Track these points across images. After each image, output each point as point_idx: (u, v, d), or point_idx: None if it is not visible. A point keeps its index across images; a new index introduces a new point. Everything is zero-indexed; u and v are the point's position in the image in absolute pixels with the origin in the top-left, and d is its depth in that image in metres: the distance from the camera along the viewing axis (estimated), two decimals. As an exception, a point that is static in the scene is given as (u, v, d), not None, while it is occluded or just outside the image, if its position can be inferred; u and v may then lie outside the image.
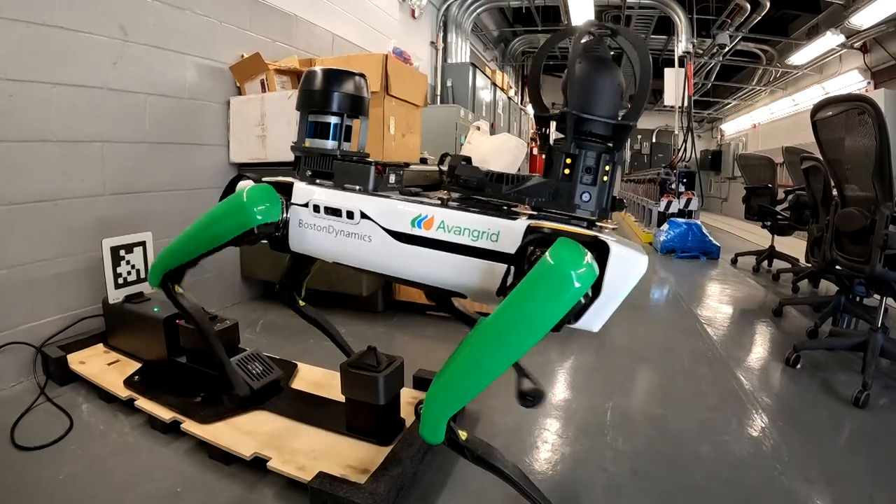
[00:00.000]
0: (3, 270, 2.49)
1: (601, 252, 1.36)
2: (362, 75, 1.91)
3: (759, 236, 8.22)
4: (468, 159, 1.67)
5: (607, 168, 1.49)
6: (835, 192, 3.02)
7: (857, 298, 3.49)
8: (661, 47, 12.08)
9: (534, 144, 12.22)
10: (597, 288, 1.35)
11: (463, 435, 1.52)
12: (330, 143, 1.86)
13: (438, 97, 7.74)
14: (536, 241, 1.41)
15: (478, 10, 8.68)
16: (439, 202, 1.63)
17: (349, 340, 3.09)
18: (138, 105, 3.07)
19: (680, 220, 7.18)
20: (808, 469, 2.00)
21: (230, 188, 1.94)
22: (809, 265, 4.10)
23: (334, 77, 1.83)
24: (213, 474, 1.88)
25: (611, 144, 1.51)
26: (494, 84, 7.55)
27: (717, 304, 4.49)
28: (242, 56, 3.73)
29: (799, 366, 2.99)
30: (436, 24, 7.94)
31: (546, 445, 2.15)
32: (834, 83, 9.98)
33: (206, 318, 2.10)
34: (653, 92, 17.43)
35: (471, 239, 1.51)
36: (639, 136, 19.01)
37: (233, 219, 1.78)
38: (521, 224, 1.46)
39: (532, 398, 1.63)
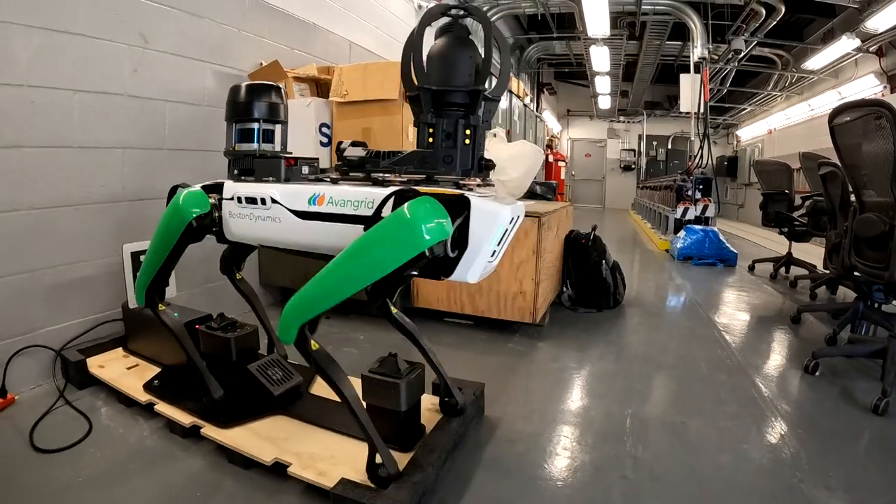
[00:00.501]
0: (25, 274, 2.52)
1: (464, 207, 1.54)
2: (278, 87, 2.18)
3: (775, 242, 8.15)
4: (360, 143, 1.95)
5: (467, 132, 1.69)
6: (853, 198, 2.99)
7: (876, 305, 3.44)
8: (676, 53, 12.05)
9: (549, 151, 12.22)
10: (464, 242, 1.54)
11: (314, 345, 1.68)
12: (253, 146, 2.10)
13: (454, 104, 7.64)
14: (399, 199, 1.58)
15: (494, 17, 8.70)
16: (330, 181, 1.90)
17: (366, 347, 3.14)
18: (157, 112, 3.11)
19: (697, 226, 7.13)
20: (828, 477, 1.98)
21: (171, 197, 2.16)
22: (827, 271, 4.05)
23: (255, 90, 2.10)
24: (233, 479, 1.89)
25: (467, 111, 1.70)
26: (510, 91, 7.54)
27: (735, 311, 4.45)
28: (261, 64, 3.76)
29: (818, 373, 2.95)
30: (451, 31, 7.89)
31: (566, 452, 2.14)
32: (850, 88, 9.87)
33: (185, 332, 2.26)
34: (668, 98, 17.42)
35: (353, 209, 1.70)
36: (654, 143, 18.93)
37: (173, 220, 2.04)
38: (392, 190, 1.63)
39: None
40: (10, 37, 2.37)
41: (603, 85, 14.61)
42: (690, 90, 9.35)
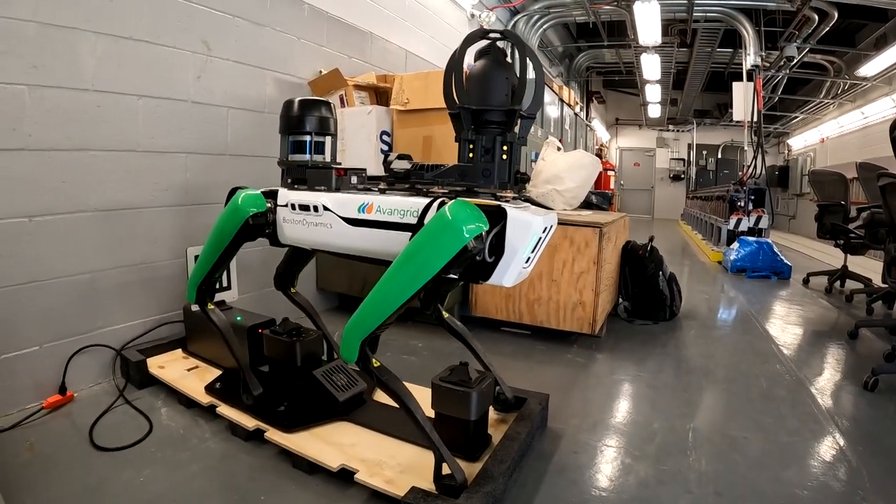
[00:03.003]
0: (86, 275, 2.57)
1: (501, 217, 1.65)
2: (328, 102, 2.30)
3: (830, 255, 7.93)
4: (406, 156, 2.05)
5: (504, 148, 1.80)
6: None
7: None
8: (727, 61, 11.84)
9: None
10: (501, 248, 1.66)
11: (375, 362, 1.77)
12: (305, 157, 2.22)
13: (507, 114, 7.62)
14: (440, 206, 1.67)
15: (545, 26, 8.67)
16: (378, 192, 2.00)
17: (425, 355, 3.12)
18: (220, 118, 3.16)
19: (750, 238, 6.97)
20: (891, 495, 1.94)
21: (230, 198, 2.26)
22: (885, 286, 3.92)
23: (307, 104, 2.23)
24: (296, 484, 1.88)
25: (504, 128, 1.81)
26: (562, 100, 7.47)
27: (792, 325, 4.34)
28: (320, 72, 3.80)
29: (877, 390, 2.88)
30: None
31: (630, 465, 2.10)
32: (905, 94, 9.56)
33: (233, 335, 2.35)
34: (718, 106, 17.13)
35: (399, 217, 1.82)
36: (704, 152, 18.64)
37: (231, 218, 2.15)
38: (436, 201, 1.74)
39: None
40: (76, 43, 2.43)
41: (653, 93, 14.46)
42: (743, 99, 9.17)
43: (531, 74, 1.80)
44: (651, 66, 11.58)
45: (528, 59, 1.79)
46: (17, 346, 2.32)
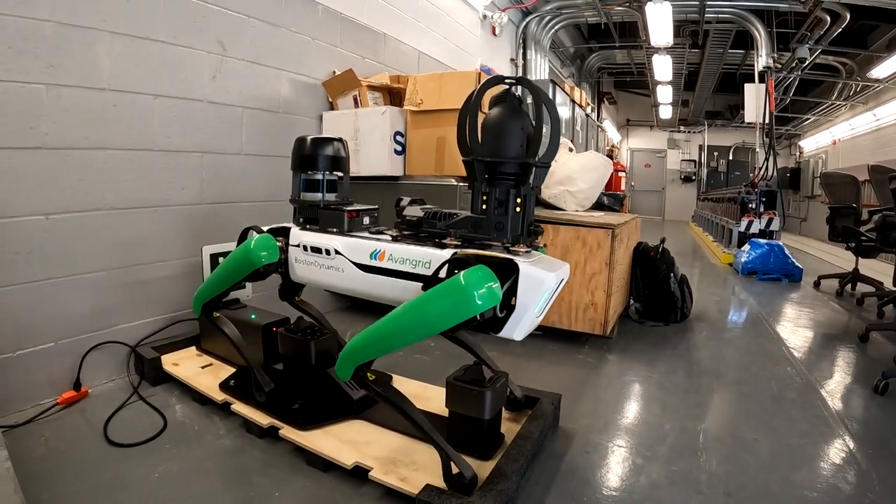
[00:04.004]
0: (103, 272, 2.59)
1: (513, 271, 1.67)
2: (341, 140, 2.30)
3: (840, 258, 7.89)
4: (419, 200, 2.10)
5: (518, 200, 1.79)
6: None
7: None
8: (739, 62, 11.79)
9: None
10: (511, 302, 1.68)
11: (370, 376, 1.82)
12: (318, 196, 2.24)
13: (519, 114, 7.63)
14: (455, 264, 1.72)
15: (556, 27, 8.66)
16: (390, 238, 2.02)
17: (437, 355, 3.13)
18: (236, 118, 3.18)
19: (762, 240, 6.94)
20: None
21: (242, 238, 2.33)
22: None
23: (319, 143, 2.23)
24: (311, 481, 1.90)
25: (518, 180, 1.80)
26: (573, 101, 7.47)
27: (803, 328, 4.32)
28: (334, 72, 3.82)
29: (887, 393, 2.86)
30: (515, 41, 7.97)
31: (642, 465, 2.10)
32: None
33: (240, 337, 2.39)
34: (729, 107, 17.05)
35: (411, 266, 1.86)
36: (715, 154, 18.55)
37: (244, 262, 2.18)
38: (448, 253, 1.79)
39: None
40: (93, 42, 2.46)
41: (664, 94, 14.41)
42: (755, 100, 9.11)
43: (547, 121, 1.79)
44: (662, 67, 11.55)
45: (544, 105, 1.78)
46: (32, 342, 2.34)
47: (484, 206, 1.82)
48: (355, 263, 2.00)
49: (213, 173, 3.06)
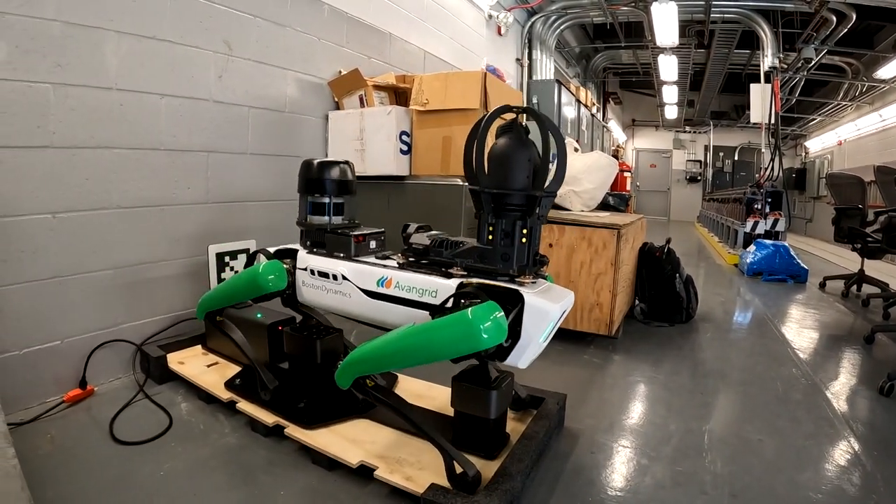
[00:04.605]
0: (109, 271, 2.60)
1: (518, 302, 1.71)
2: (347, 162, 2.31)
3: (846, 259, 7.87)
4: (425, 226, 2.10)
5: (524, 231, 1.80)
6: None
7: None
8: (744, 62, 11.76)
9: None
10: (516, 332, 1.70)
11: (370, 383, 1.87)
12: (324, 219, 2.25)
13: (525, 114, 7.62)
14: (462, 296, 1.76)
15: (562, 27, 8.65)
16: (397, 265, 2.03)
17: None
18: (242, 117, 3.18)
19: (767, 241, 6.92)
20: None
21: (251, 261, 2.40)
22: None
23: (326, 166, 2.23)
24: (316, 480, 1.90)
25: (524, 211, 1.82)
26: (578, 101, 7.47)
27: (808, 329, 4.31)
28: (340, 72, 3.82)
29: (892, 395, 2.86)
30: (521, 41, 7.95)
31: (647, 466, 2.10)
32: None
33: (244, 339, 2.43)
34: (735, 108, 17.00)
35: (418, 295, 1.89)
36: (720, 154, 18.51)
37: (251, 284, 2.22)
38: (454, 283, 1.82)
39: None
40: (100, 42, 2.46)
41: (670, 94, 14.40)
42: (761, 100, 9.10)
43: (554, 150, 1.79)
44: (668, 68, 11.54)
45: (550, 134, 1.78)
46: (38, 340, 2.35)
47: (490, 237, 1.84)
48: (362, 290, 2.03)
49: (218, 172, 3.06)
